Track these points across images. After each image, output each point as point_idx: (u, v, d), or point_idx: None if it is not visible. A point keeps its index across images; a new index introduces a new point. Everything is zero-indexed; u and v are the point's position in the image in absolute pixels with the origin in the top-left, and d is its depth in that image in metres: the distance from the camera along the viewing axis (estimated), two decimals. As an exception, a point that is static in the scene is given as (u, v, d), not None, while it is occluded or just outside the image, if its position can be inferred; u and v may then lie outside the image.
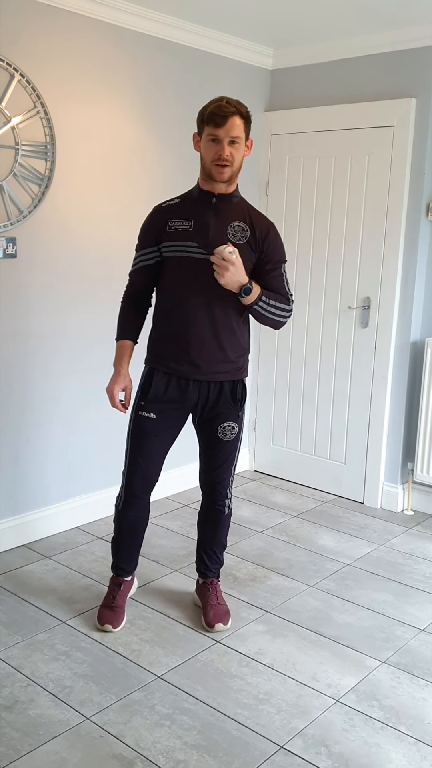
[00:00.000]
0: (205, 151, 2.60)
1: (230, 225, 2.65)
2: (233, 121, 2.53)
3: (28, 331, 3.46)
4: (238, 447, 2.93)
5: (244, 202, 2.73)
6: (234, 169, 2.60)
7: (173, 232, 2.66)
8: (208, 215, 2.65)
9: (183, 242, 2.64)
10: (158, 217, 2.71)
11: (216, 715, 2.40)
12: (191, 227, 2.64)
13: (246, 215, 2.69)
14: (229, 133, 2.54)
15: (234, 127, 2.54)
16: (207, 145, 2.58)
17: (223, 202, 2.66)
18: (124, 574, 3.00)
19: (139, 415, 2.80)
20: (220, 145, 2.54)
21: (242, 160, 2.63)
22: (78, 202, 3.55)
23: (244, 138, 2.59)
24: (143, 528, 2.99)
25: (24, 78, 3.21)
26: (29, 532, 3.61)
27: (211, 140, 2.56)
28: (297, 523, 4.01)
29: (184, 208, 2.69)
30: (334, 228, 4.23)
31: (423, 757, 2.25)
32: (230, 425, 2.83)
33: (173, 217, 2.67)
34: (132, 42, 3.64)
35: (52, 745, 2.24)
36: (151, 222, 2.73)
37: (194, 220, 2.65)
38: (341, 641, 2.87)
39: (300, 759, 2.22)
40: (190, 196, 2.72)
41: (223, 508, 2.98)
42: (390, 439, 4.19)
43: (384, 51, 3.91)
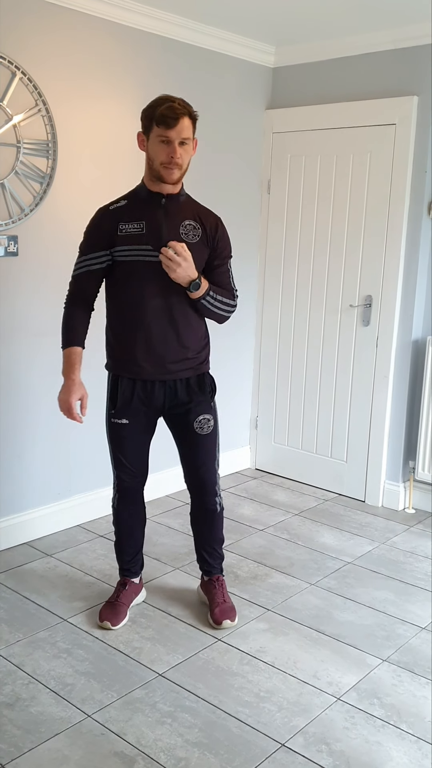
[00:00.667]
0: (154, 153, 2.56)
1: (182, 224, 2.64)
2: (183, 122, 2.52)
3: (29, 329, 3.46)
4: (217, 442, 2.92)
5: (190, 200, 2.73)
6: (183, 170, 2.60)
7: (125, 236, 2.60)
8: (158, 216, 2.62)
9: (136, 246, 2.60)
10: (107, 220, 2.64)
11: (217, 713, 2.41)
12: (143, 230, 2.60)
13: (195, 213, 2.69)
14: (180, 135, 2.52)
15: (184, 129, 2.52)
16: (157, 146, 2.55)
17: (172, 202, 2.65)
18: (130, 575, 3.01)
19: (113, 422, 2.83)
20: (172, 146, 2.52)
21: (189, 161, 2.62)
22: (79, 200, 3.54)
23: (192, 138, 2.59)
24: (141, 526, 3.00)
25: (26, 76, 3.20)
26: (31, 530, 3.62)
27: (161, 141, 2.53)
28: (298, 522, 4.01)
29: (134, 210, 2.63)
30: (335, 226, 4.23)
31: (424, 755, 2.25)
32: (205, 417, 2.82)
33: (123, 219, 2.62)
34: (134, 40, 3.64)
35: (54, 743, 2.25)
36: (99, 225, 2.66)
37: (146, 222, 2.61)
38: (342, 639, 2.87)
39: (301, 757, 2.23)
40: (137, 197, 2.68)
41: (214, 507, 2.98)
42: (391, 437, 4.19)
43: (386, 49, 3.91)
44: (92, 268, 2.68)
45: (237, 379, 4.65)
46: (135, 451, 2.87)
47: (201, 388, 2.82)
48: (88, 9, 3.40)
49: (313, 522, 4.01)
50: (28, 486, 3.59)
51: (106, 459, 3.83)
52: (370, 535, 3.86)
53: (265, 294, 4.60)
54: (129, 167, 3.75)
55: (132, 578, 3.01)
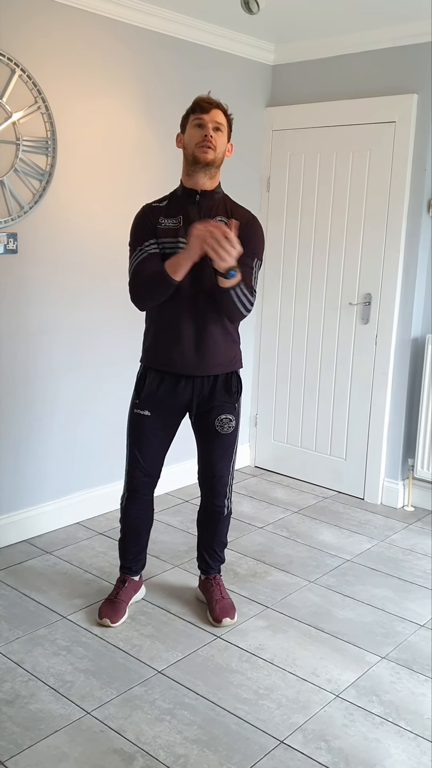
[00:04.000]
0: (189, 138, 2.67)
1: (214, 220, 2.67)
2: (217, 111, 2.66)
3: (29, 327, 3.46)
4: (236, 443, 2.94)
5: (226, 198, 2.79)
6: (217, 155, 2.66)
7: (164, 229, 2.70)
8: (193, 211, 2.70)
9: (174, 239, 2.68)
10: (150, 215, 2.74)
11: (216, 710, 2.41)
12: (180, 224, 2.69)
13: (228, 210, 2.75)
14: (214, 119, 2.64)
15: (218, 115, 2.66)
16: (192, 131, 2.66)
17: (206, 198, 2.72)
18: (130, 573, 3.01)
19: (135, 413, 2.85)
20: (206, 128, 2.63)
21: (224, 155, 2.71)
22: (79, 197, 3.54)
23: (226, 132, 2.70)
24: (148, 526, 3.01)
25: (25, 73, 3.20)
26: (30, 528, 3.62)
27: (196, 125, 2.65)
28: (297, 519, 4.02)
29: (173, 206, 2.74)
30: (335, 224, 4.23)
31: (422, 752, 2.26)
32: (227, 417, 2.84)
33: (163, 215, 2.72)
34: (133, 37, 3.64)
35: (53, 740, 2.25)
36: (144, 219, 2.75)
37: (182, 217, 2.70)
38: (341, 637, 2.87)
39: (300, 754, 2.23)
40: (175, 195, 2.78)
41: (222, 509, 2.98)
42: (390, 435, 4.19)
43: (385, 47, 3.90)
44: (151, 252, 2.71)
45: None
46: (152, 448, 2.87)
47: (227, 388, 2.83)
48: (88, 6, 3.39)
49: (312, 519, 4.02)
50: (27, 483, 3.59)
51: (106, 456, 3.85)
52: (369, 532, 3.87)
53: (265, 292, 4.60)
54: (129, 164, 3.75)
55: (132, 576, 3.02)
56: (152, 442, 2.86)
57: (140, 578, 3.08)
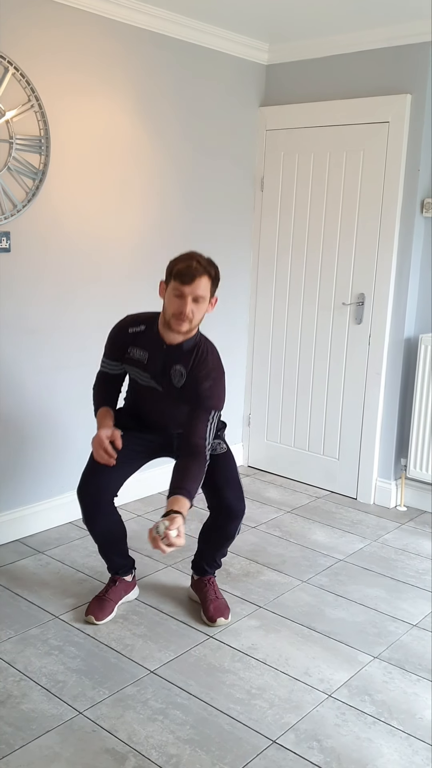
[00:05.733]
0: (168, 303, 2.64)
1: (172, 368, 2.72)
2: (200, 281, 2.57)
3: (22, 326, 3.45)
4: (235, 464, 2.94)
5: (197, 348, 2.73)
6: (193, 325, 2.65)
7: (131, 359, 2.79)
8: (158, 357, 2.74)
9: (138, 369, 2.79)
10: (122, 340, 2.80)
11: (209, 710, 2.41)
12: (146, 361, 2.76)
13: (190, 362, 2.71)
14: (195, 292, 2.57)
15: (200, 287, 2.58)
16: (171, 298, 2.61)
17: (172, 350, 2.72)
18: (120, 573, 3.01)
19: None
20: (184, 301, 2.58)
21: (203, 317, 2.68)
22: (72, 196, 3.53)
23: (209, 297, 2.64)
24: (120, 534, 2.98)
25: (18, 71, 3.19)
26: (22, 527, 3.61)
27: (175, 295, 2.59)
28: (290, 519, 4.02)
29: (145, 339, 2.76)
30: (328, 224, 4.23)
31: (414, 751, 2.26)
32: (216, 441, 2.85)
33: (134, 345, 2.78)
34: (127, 36, 3.63)
35: (45, 740, 2.24)
36: (116, 340, 2.83)
37: (149, 355, 2.75)
38: (334, 636, 2.88)
39: (292, 753, 2.23)
40: (152, 329, 2.75)
41: (234, 532, 2.94)
42: (383, 435, 4.20)
43: (379, 47, 3.91)
44: (108, 372, 2.90)
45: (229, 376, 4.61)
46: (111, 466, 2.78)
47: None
48: (82, 5, 3.39)
49: (305, 519, 4.02)
50: (20, 483, 3.58)
51: (98, 456, 3.84)
52: (361, 532, 3.87)
53: (258, 291, 4.60)
54: (122, 163, 3.75)
55: (123, 576, 3.01)
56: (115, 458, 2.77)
57: (133, 578, 3.07)
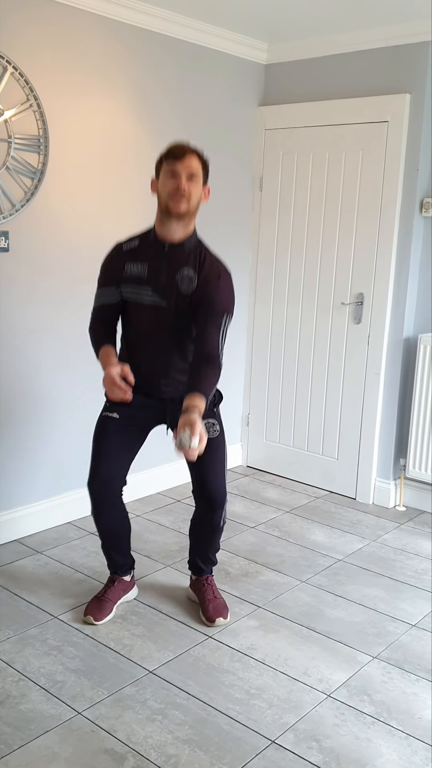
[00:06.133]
0: (162, 186, 2.59)
1: (179, 273, 2.64)
2: (191, 157, 2.56)
3: (21, 326, 3.45)
4: (224, 451, 2.90)
5: (199, 248, 2.68)
6: (191, 205, 2.58)
7: (129, 277, 2.69)
8: (160, 263, 2.66)
9: (138, 286, 2.68)
10: (117, 260, 2.72)
11: (208, 710, 2.41)
12: (146, 273, 2.66)
13: (197, 262, 2.65)
14: (188, 168, 2.55)
15: (192, 163, 2.56)
16: (165, 180, 2.58)
17: (175, 250, 2.65)
18: (118, 573, 3.00)
19: (103, 416, 2.84)
20: (178, 178, 2.55)
21: (199, 203, 2.62)
22: (71, 195, 3.53)
23: (202, 179, 2.60)
24: (125, 530, 2.99)
25: (17, 71, 3.19)
26: (21, 527, 3.61)
27: (169, 175, 2.56)
28: (289, 519, 4.02)
29: (141, 252, 2.69)
30: (327, 223, 4.23)
31: (413, 751, 2.26)
32: (209, 421, 2.80)
33: (130, 260, 2.69)
34: (126, 36, 3.63)
35: (44, 740, 2.24)
36: (110, 263, 2.75)
37: (148, 265, 2.66)
38: (333, 636, 2.87)
39: (291, 754, 2.23)
40: (147, 239, 2.71)
41: (219, 520, 2.95)
42: (382, 435, 4.19)
43: (378, 46, 3.91)
44: (105, 302, 2.77)
45: (228, 376, 4.65)
46: (114, 451, 2.82)
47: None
48: (81, 4, 3.38)
49: (304, 519, 4.02)
50: (18, 483, 3.58)
51: (97, 456, 3.84)
52: (360, 532, 3.87)
53: (257, 291, 4.60)
54: (120, 162, 3.74)
55: (122, 576, 3.01)
56: (116, 445, 2.81)
57: (132, 578, 3.07)
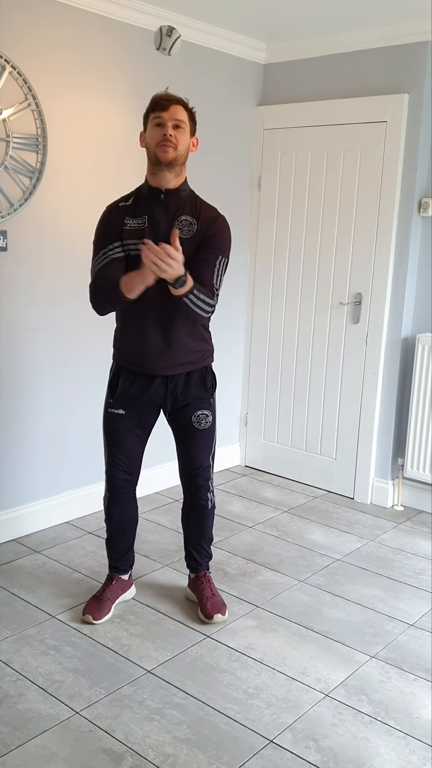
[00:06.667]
0: (150, 137, 2.64)
1: (178, 219, 2.67)
2: (177, 107, 2.62)
3: (18, 325, 3.44)
4: (214, 437, 2.95)
5: (193, 196, 2.75)
6: (179, 153, 2.62)
7: (130, 230, 2.68)
8: (158, 211, 2.68)
9: (139, 239, 2.63)
10: (115, 215, 2.72)
11: (206, 710, 2.41)
12: (145, 224, 2.67)
13: (194, 208, 2.71)
14: (173, 116, 2.60)
15: (178, 112, 2.61)
16: (152, 130, 2.63)
17: (171, 197, 2.69)
18: (118, 572, 3.01)
19: (110, 412, 2.86)
20: (165, 127, 2.60)
21: (187, 151, 2.67)
22: (69, 195, 3.53)
23: (189, 128, 2.65)
24: (133, 525, 3.01)
25: (15, 70, 3.19)
26: (19, 527, 3.60)
27: (155, 125, 2.61)
28: (287, 519, 4.02)
29: (138, 206, 2.71)
30: (326, 223, 4.23)
31: (411, 751, 2.26)
32: (204, 413, 2.86)
33: (128, 215, 2.69)
34: (125, 35, 3.62)
35: (42, 740, 2.24)
36: (109, 220, 2.73)
37: (147, 217, 2.68)
38: (331, 636, 2.87)
39: (289, 753, 2.23)
40: (140, 193, 2.74)
41: (206, 503, 2.99)
42: (380, 434, 4.20)
43: (377, 46, 3.91)
44: (114, 256, 2.69)
45: (227, 375, 4.65)
46: (130, 446, 2.88)
47: (202, 383, 2.84)
48: (80, 4, 3.38)
49: (302, 519, 4.02)
50: (16, 482, 3.58)
51: (95, 455, 3.83)
52: (358, 532, 3.87)
53: (255, 291, 4.60)
54: (119, 162, 3.74)
55: (120, 575, 3.01)
56: (129, 440, 2.87)
57: (130, 577, 3.07)
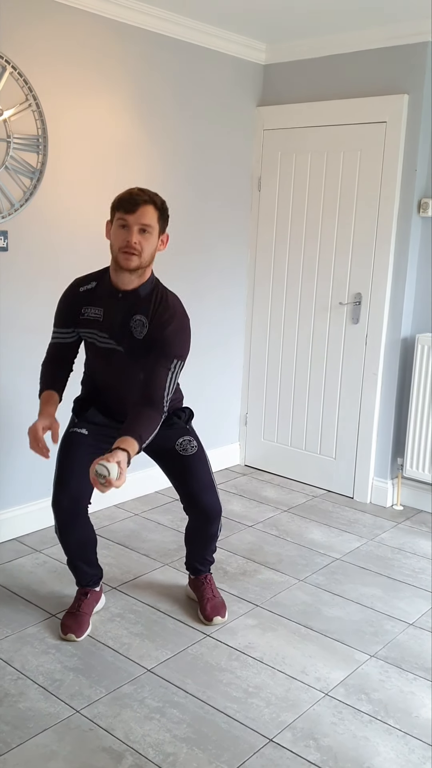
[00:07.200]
0: (114, 238, 2.50)
1: (132, 319, 2.57)
2: (145, 209, 2.44)
3: (18, 326, 3.45)
4: (208, 466, 2.87)
5: (156, 293, 2.58)
6: (143, 259, 2.49)
7: (85, 320, 2.64)
8: (114, 309, 2.59)
9: (94, 330, 2.63)
10: (74, 301, 2.67)
11: (205, 709, 2.41)
12: (101, 317, 2.61)
13: (150, 308, 2.56)
14: (139, 220, 2.44)
15: (145, 215, 2.44)
16: (116, 231, 2.48)
17: (129, 296, 2.57)
18: (91, 585, 2.92)
19: (71, 431, 2.76)
20: (129, 231, 2.44)
21: (154, 253, 2.52)
22: (69, 195, 3.53)
23: (157, 230, 2.49)
24: (94, 541, 2.88)
25: (16, 70, 3.19)
26: (19, 526, 3.61)
27: (120, 226, 2.47)
28: (287, 518, 4.02)
29: (98, 295, 2.63)
30: (325, 224, 4.24)
31: (411, 750, 2.27)
32: (186, 439, 2.79)
33: (87, 303, 2.64)
34: (125, 36, 3.63)
35: (42, 738, 2.25)
36: (66, 304, 2.69)
37: (104, 311, 2.60)
38: (330, 635, 2.88)
39: (289, 752, 2.24)
40: (104, 281, 2.64)
41: (216, 530, 2.95)
42: (380, 434, 4.20)
43: (377, 47, 3.91)
44: (63, 342, 2.75)
45: (226, 375, 4.66)
46: (83, 466, 2.56)
47: (173, 419, 2.76)
48: (80, 4, 3.39)
49: (301, 518, 4.03)
50: (16, 482, 3.58)
51: (95, 455, 3.83)
52: (358, 531, 3.88)
53: (255, 291, 4.61)
54: (119, 162, 3.75)
55: (93, 587, 2.93)
56: (83, 460, 2.57)
57: (100, 588, 2.98)
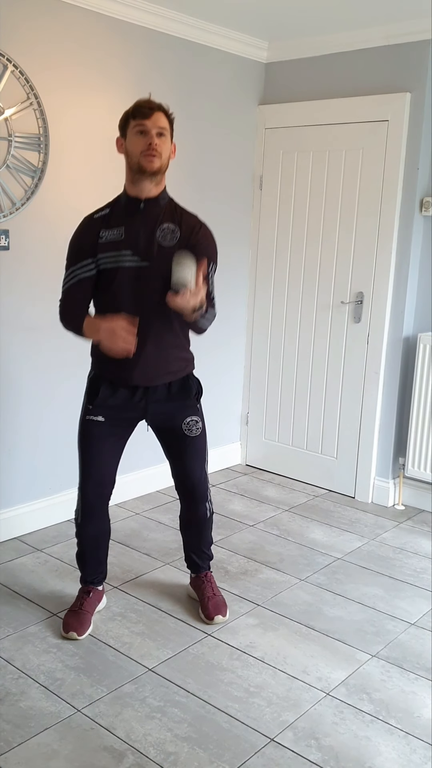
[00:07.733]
0: (132, 145, 2.56)
1: (159, 228, 2.60)
2: (159, 114, 2.55)
3: (20, 324, 3.45)
4: (206, 447, 2.89)
5: (172, 203, 2.68)
6: (163, 161, 2.57)
7: (105, 243, 2.60)
8: (137, 221, 2.60)
9: (116, 252, 2.59)
10: (90, 229, 2.64)
11: (207, 708, 2.41)
12: (123, 236, 2.59)
13: (175, 216, 2.63)
14: (157, 123, 2.53)
15: (160, 119, 2.54)
16: (134, 138, 2.55)
17: (151, 206, 2.61)
18: (94, 584, 2.93)
19: (87, 419, 2.76)
20: (149, 135, 2.53)
21: (169, 159, 2.60)
22: (71, 194, 3.53)
23: (170, 136, 2.59)
24: (106, 539, 2.93)
25: (17, 69, 3.19)
26: (21, 525, 3.61)
27: (138, 132, 2.54)
28: (288, 517, 4.02)
29: (115, 216, 2.63)
30: (327, 222, 4.23)
31: (412, 750, 2.26)
32: (193, 419, 2.80)
33: (104, 227, 2.62)
34: (127, 34, 3.63)
35: (43, 737, 2.25)
36: (83, 234, 2.66)
37: (125, 228, 2.60)
38: (332, 635, 2.88)
39: (290, 752, 2.23)
40: (119, 203, 2.67)
41: (204, 513, 2.96)
42: (381, 434, 4.20)
43: (379, 45, 3.91)
44: (82, 277, 2.64)
45: (227, 374, 4.66)
46: (105, 456, 2.77)
47: (185, 392, 2.78)
48: (81, 3, 3.38)
49: (303, 518, 4.02)
50: (18, 481, 3.58)
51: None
52: (359, 531, 3.87)
53: (257, 290, 4.60)
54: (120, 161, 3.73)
55: (96, 586, 2.94)
56: (105, 449, 2.76)
57: (103, 587, 3.00)
